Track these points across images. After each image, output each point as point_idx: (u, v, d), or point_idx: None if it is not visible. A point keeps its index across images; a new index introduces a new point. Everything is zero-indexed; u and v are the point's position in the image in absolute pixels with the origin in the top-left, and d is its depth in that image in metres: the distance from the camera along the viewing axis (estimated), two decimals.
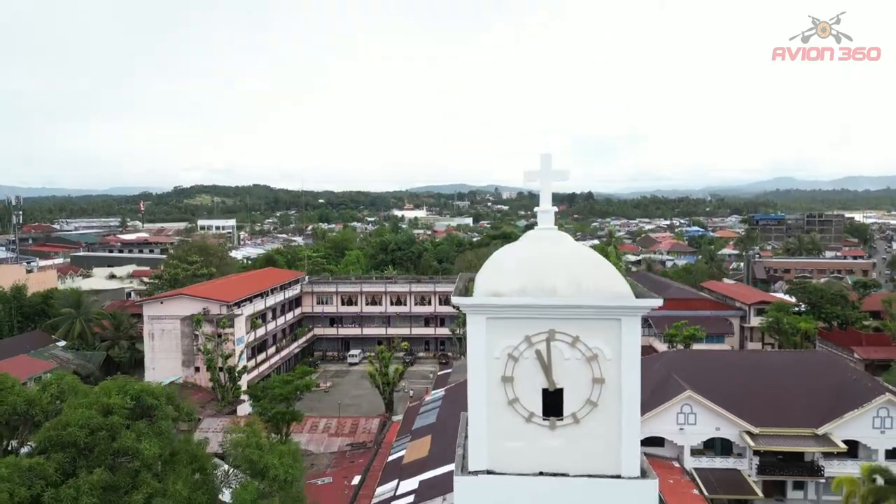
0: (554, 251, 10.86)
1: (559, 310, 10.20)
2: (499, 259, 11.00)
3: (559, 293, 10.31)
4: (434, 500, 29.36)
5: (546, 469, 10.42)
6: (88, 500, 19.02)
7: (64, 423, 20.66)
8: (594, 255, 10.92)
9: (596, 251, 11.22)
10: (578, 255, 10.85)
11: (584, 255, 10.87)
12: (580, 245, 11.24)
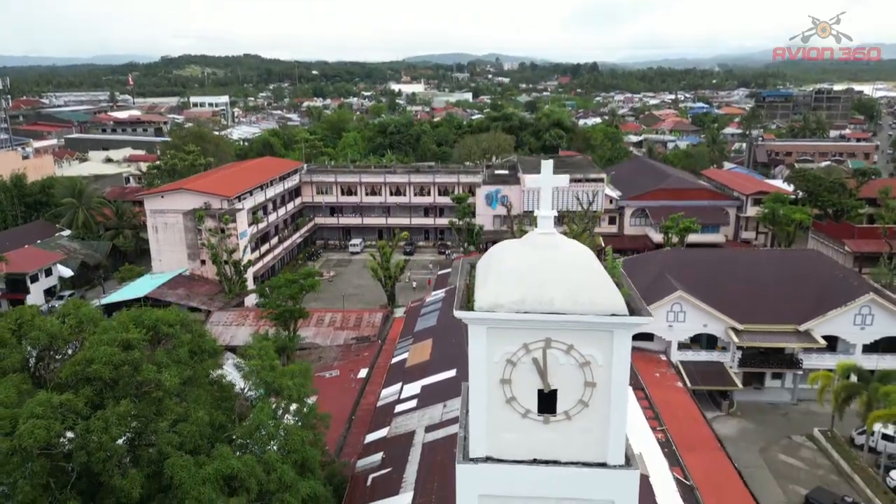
0: (552, 261, 11.31)
1: (555, 322, 10.85)
2: (499, 269, 11.45)
3: (556, 306, 10.90)
4: (435, 406, 31.61)
5: (539, 457, 11.56)
6: (117, 430, 20.72)
7: (88, 359, 21.97)
8: (591, 264, 11.39)
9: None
10: (576, 265, 11.30)
11: (582, 265, 11.33)
12: (578, 252, 11.64)
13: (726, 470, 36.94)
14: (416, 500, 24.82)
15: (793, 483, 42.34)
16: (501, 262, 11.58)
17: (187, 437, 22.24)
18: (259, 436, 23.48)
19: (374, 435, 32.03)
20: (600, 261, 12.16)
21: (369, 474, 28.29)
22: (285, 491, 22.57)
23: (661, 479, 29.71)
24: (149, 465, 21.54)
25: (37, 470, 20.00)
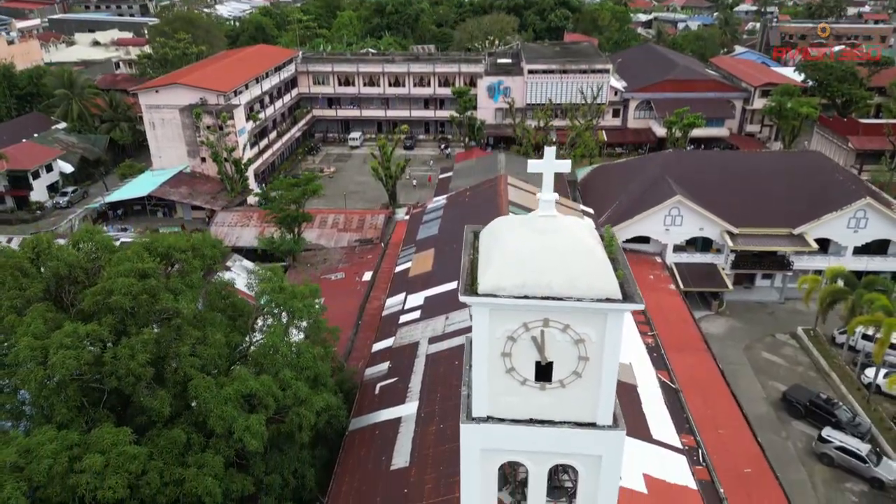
0: (552, 246, 11.91)
1: (554, 304, 11.66)
2: (501, 252, 12.06)
3: (554, 290, 11.65)
4: (438, 318, 33.23)
5: (535, 417, 12.81)
6: (142, 356, 22.18)
7: (108, 290, 23.01)
8: (589, 248, 12.00)
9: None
10: (575, 250, 11.91)
11: (580, 250, 11.95)
12: (577, 237, 12.19)
13: (710, 370, 39.35)
14: (421, 409, 26.90)
15: (773, 380, 45.13)
16: (504, 246, 12.19)
17: (207, 360, 23.83)
18: (273, 357, 25.04)
19: (381, 344, 33.91)
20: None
21: (377, 383, 30.37)
22: (300, 405, 24.46)
23: (648, 385, 31.84)
24: (174, 385, 23.24)
25: (71, 394, 21.67)
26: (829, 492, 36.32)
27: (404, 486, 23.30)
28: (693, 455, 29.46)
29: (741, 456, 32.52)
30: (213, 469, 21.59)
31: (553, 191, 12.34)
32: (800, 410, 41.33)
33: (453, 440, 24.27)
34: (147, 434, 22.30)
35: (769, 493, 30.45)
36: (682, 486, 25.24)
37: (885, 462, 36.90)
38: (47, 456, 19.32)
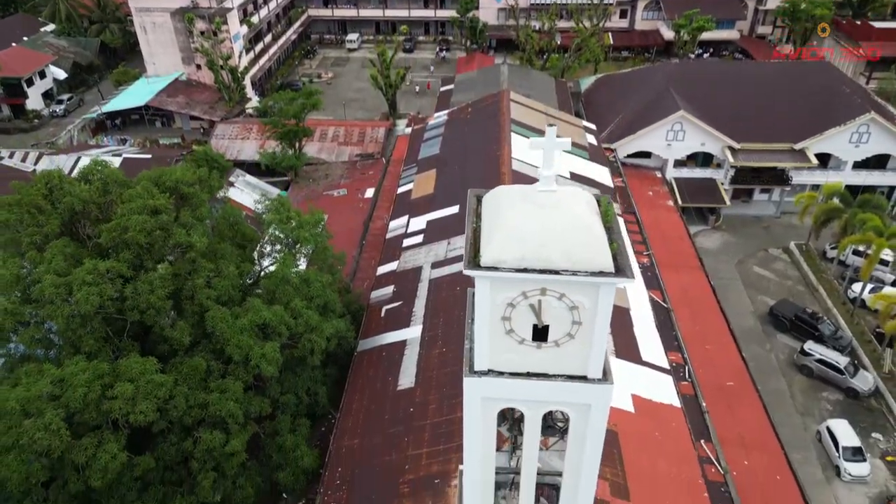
0: (551, 221, 12.62)
1: (551, 277, 12.57)
2: (503, 227, 12.80)
3: (552, 264, 12.49)
4: (440, 243, 34.25)
5: (532, 370, 14.03)
6: (161, 291, 23.36)
7: (123, 227, 23.79)
8: (587, 223, 12.73)
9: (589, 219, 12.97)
10: (573, 226, 12.62)
11: (578, 225, 12.66)
12: (576, 212, 12.86)
13: (702, 287, 40.89)
14: (425, 333, 28.49)
15: (762, 294, 46.90)
16: (505, 220, 12.90)
17: (222, 291, 25.09)
18: (284, 288, 26.28)
19: (385, 268, 35.13)
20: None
21: (383, 306, 31.85)
22: (311, 332, 25.98)
23: (640, 307, 33.35)
24: (191, 316, 24.62)
25: (96, 326, 23.07)
26: (806, 401, 38.87)
27: (410, 406, 25.25)
28: (680, 372, 31.43)
29: (725, 370, 34.61)
30: (234, 394, 23.36)
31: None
32: (785, 324, 43.33)
33: (454, 364, 26.01)
34: (170, 362, 23.90)
35: (748, 403, 32.73)
36: (668, 404, 27.26)
37: (861, 373, 39.23)
38: (81, 385, 20.92)
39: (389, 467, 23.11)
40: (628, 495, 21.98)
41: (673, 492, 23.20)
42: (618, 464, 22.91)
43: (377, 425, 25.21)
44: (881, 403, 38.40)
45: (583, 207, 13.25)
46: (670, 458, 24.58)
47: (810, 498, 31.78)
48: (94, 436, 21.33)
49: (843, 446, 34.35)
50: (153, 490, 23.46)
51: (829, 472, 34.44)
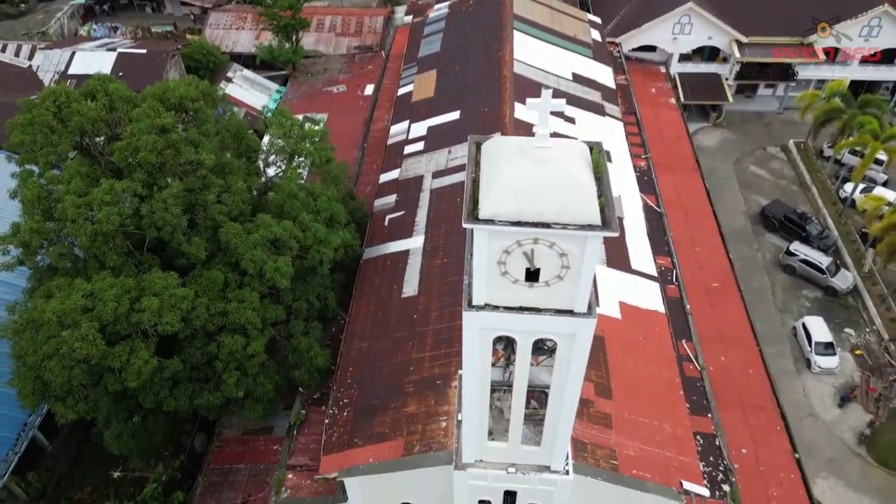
0: (545, 178, 13.62)
1: (543, 230, 13.79)
2: (499, 182, 13.81)
3: (544, 217, 13.66)
4: (441, 151, 34.89)
5: (524, 305, 15.61)
6: (175, 209, 24.50)
7: (134, 147, 24.50)
8: (577, 179, 13.75)
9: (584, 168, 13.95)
10: (564, 181, 13.63)
11: (569, 182, 13.68)
12: (568, 168, 13.81)
13: (697, 190, 41.91)
14: (427, 243, 29.98)
15: (756, 194, 48.01)
16: (502, 175, 13.89)
17: (232, 207, 26.31)
18: (292, 202, 27.41)
19: (387, 176, 35.95)
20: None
21: (386, 215, 33.09)
22: (320, 244, 27.45)
23: (634, 215, 34.57)
24: (206, 231, 25.97)
25: (118, 243, 24.50)
26: (786, 298, 41.21)
27: (414, 313, 27.24)
28: (668, 276, 33.31)
29: (712, 272, 36.50)
30: (251, 303, 25.20)
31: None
32: (774, 224, 44.85)
33: (455, 274, 27.72)
34: (189, 275, 25.55)
35: (731, 304, 34.89)
36: (653, 310, 29.29)
37: (842, 273, 41.29)
38: (111, 300, 22.68)
39: (395, 369, 25.46)
40: (611, 395, 24.45)
41: (652, 390, 25.71)
42: (603, 367, 25.22)
43: (383, 330, 27.35)
44: (857, 301, 40.75)
45: (575, 161, 14.23)
46: (651, 359, 26.93)
47: (780, 388, 34.79)
48: (126, 344, 23.39)
49: (816, 341, 37.00)
50: (183, 387, 25.93)
51: (801, 364, 37.34)
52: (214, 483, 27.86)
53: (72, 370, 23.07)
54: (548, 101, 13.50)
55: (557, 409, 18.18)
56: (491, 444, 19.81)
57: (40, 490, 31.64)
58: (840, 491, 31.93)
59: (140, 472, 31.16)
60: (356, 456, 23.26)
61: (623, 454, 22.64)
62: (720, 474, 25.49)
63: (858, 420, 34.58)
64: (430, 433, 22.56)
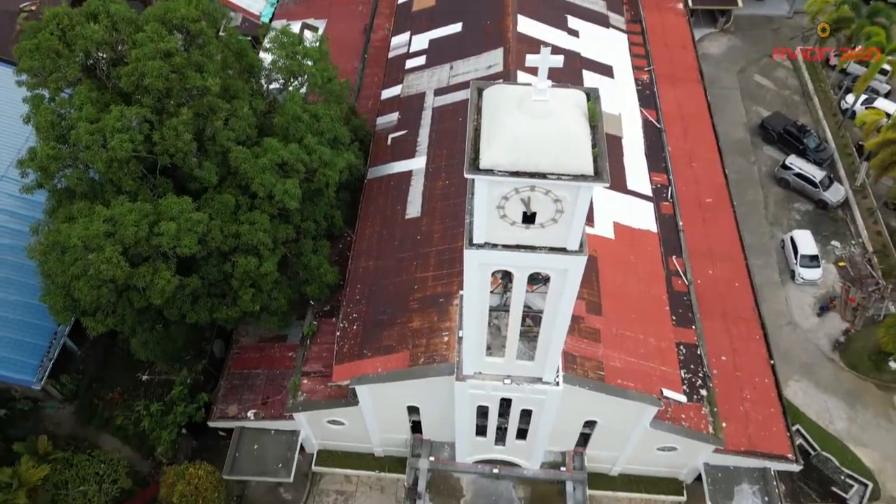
0: (542, 131, 14.50)
1: (539, 181, 14.86)
2: (500, 135, 14.69)
3: (541, 167, 14.69)
4: (442, 67, 34.84)
5: (521, 243, 16.96)
6: (186, 136, 25.20)
7: (140, 73, 24.81)
8: (573, 133, 14.63)
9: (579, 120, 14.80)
10: (560, 135, 14.53)
11: (564, 135, 14.57)
12: (564, 121, 14.64)
13: (698, 103, 41.81)
14: (429, 164, 30.83)
15: (757, 105, 47.98)
16: (502, 127, 14.76)
17: (239, 131, 27.02)
18: (297, 125, 28.03)
19: (389, 92, 36.05)
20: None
21: (389, 134, 33.63)
22: (325, 167, 28.38)
23: (633, 134, 35.04)
24: (215, 155, 26.85)
25: (132, 168, 25.48)
26: (777, 211, 42.47)
27: (417, 233, 28.60)
28: (663, 193, 34.35)
29: (707, 187, 37.36)
30: (262, 225, 26.49)
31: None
32: (773, 137, 45.23)
33: (457, 196, 28.83)
34: (202, 198, 26.68)
35: (723, 219, 36.00)
36: (645, 230, 30.62)
37: (834, 186, 42.28)
38: (131, 224, 23.95)
39: (400, 287, 27.19)
40: (601, 311, 26.31)
41: (640, 306, 27.56)
42: (595, 285, 26.92)
43: (388, 250, 28.83)
44: (847, 214, 42.03)
45: (572, 113, 15.12)
46: (641, 277, 28.60)
47: (763, 298, 36.83)
48: (148, 265, 24.94)
49: (802, 254, 38.64)
50: (203, 301, 27.78)
51: (786, 275, 39.19)
52: (235, 386, 30.34)
53: (100, 289, 24.81)
54: (546, 58, 14.18)
55: (550, 329, 20.01)
56: (489, 360, 21.84)
57: (73, 391, 34.45)
58: (811, 392, 34.69)
59: (166, 375, 33.80)
60: (366, 366, 25.46)
61: (609, 366, 24.80)
62: (699, 381, 27.87)
63: (835, 328, 36.86)
64: (433, 346, 24.60)
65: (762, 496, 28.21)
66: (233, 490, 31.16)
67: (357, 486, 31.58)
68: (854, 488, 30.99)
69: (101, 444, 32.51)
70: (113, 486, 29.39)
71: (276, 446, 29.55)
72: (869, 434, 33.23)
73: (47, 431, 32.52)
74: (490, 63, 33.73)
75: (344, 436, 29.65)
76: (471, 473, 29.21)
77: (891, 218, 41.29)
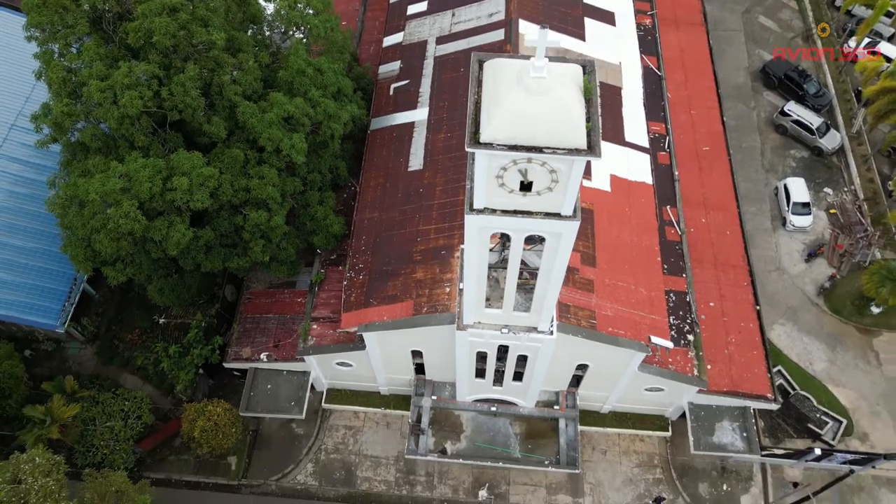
0: (539, 107, 15.36)
1: (536, 155, 15.85)
2: (499, 110, 15.57)
3: (538, 141, 15.65)
4: (444, 14, 34.79)
5: (518, 209, 18.10)
6: (194, 92, 25.78)
7: (147, 30, 25.16)
8: (568, 109, 15.50)
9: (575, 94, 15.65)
10: (556, 111, 15.39)
11: (561, 111, 15.44)
12: (561, 97, 15.46)
13: (700, 48, 41.70)
14: (431, 116, 31.43)
15: (760, 48, 47.75)
16: (501, 103, 15.62)
17: (246, 86, 27.64)
18: (301, 79, 28.53)
19: (391, 39, 36.08)
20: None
21: (391, 83, 33.99)
22: (330, 119, 29.07)
23: (632, 84, 35.30)
24: (223, 110, 27.53)
25: (144, 124, 26.25)
26: (773, 158, 43.17)
27: (420, 187, 29.57)
28: (660, 142, 35.03)
29: (704, 135, 37.94)
30: (270, 180, 27.47)
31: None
32: (774, 82, 45.34)
33: (458, 149, 29.63)
34: (212, 152, 27.54)
35: (718, 167, 36.75)
36: (641, 182, 31.53)
37: (831, 133, 42.80)
38: (146, 180, 24.95)
39: (404, 238, 28.41)
40: (595, 263, 27.64)
41: (633, 257, 28.85)
42: (590, 237, 28.13)
43: (392, 202, 29.87)
44: (841, 161, 42.74)
45: (567, 88, 16.01)
46: (635, 229, 29.76)
47: (754, 244, 38.19)
48: (163, 218, 26.12)
49: (794, 202, 39.63)
50: (216, 251, 29.07)
51: (777, 222, 40.32)
52: (248, 329, 32.08)
53: (119, 242, 26.10)
54: (544, 38, 14.90)
55: (545, 285, 21.40)
56: (488, 311, 23.34)
57: (94, 332, 36.32)
58: (794, 335, 36.49)
59: (181, 319, 35.56)
60: (372, 314, 27.03)
61: (601, 315, 26.34)
62: (687, 326, 29.51)
63: (821, 274, 38.30)
64: (435, 297, 26.08)
65: (741, 432, 30.39)
66: (248, 426, 33.43)
67: (364, 422, 33.85)
68: (829, 425, 33.19)
69: (124, 383, 34.60)
70: (138, 422, 31.58)
71: (289, 385, 31.54)
72: (847, 375, 35.22)
73: (71, 371, 34.56)
74: (492, 10, 33.75)
75: (352, 376, 31.60)
76: (470, 411, 31.30)
77: (884, 165, 42.03)
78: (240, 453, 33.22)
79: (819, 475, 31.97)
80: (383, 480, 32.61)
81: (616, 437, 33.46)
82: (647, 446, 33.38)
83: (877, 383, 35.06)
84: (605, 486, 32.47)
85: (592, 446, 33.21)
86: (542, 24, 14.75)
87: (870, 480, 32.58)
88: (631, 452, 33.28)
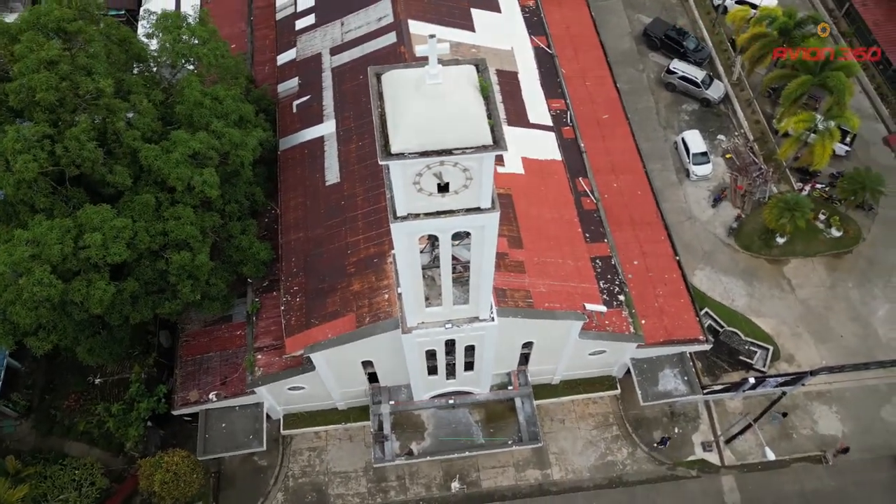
0: (442, 112, 15.95)
1: (446, 158, 16.45)
2: (403, 121, 16.07)
3: (446, 145, 16.26)
4: (333, 25, 34.87)
5: (440, 209, 18.68)
6: (90, 144, 24.82)
7: (29, 87, 23.94)
8: (469, 110, 16.16)
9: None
10: (458, 113, 16.03)
11: (462, 112, 16.09)
12: (457, 98, 16.10)
13: (584, 22, 43.33)
14: (339, 128, 31.56)
15: (639, 13, 50.14)
16: (405, 113, 16.11)
17: (144, 128, 26.96)
18: (200, 110, 28.04)
19: (285, 56, 35.80)
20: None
21: (293, 101, 33.80)
22: (237, 148, 28.73)
23: (527, 68, 36.51)
24: (124, 157, 26.76)
25: (42, 186, 25.22)
26: (668, 114, 45.57)
27: (341, 199, 29.70)
28: (563, 118, 36.42)
29: (602, 104, 39.67)
30: (188, 219, 26.96)
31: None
32: (656, 43, 47.75)
33: (372, 157, 29.90)
34: (121, 202, 26.72)
35: (620, 133, 38.56)
36: (551, 159, 32.78)
37: (715, 83, 45.56)
38: (54, 242, 24.00)
39: (334, 253, 28.52)
40: (522, 244, 28.65)
41: (555, 232, 30.06)
42: (513, 221, 29.11)
43: (316, 219, 29.88)
44: (728, 108, 45.61)
45: (465, 89, 16.69)
46: (553, 205, 30.98)
47: (665, 199, 40.30)
48: (81, 278, 25.21)
49: (693, 153, 42.08)
50: (143, 301, 28.25)
51: (682, 175, 42.71)
52: (191, 372, 31.41)
53: (37, 310, 25.02)
54: (434, 47, 15.46)
55: (478, 275, 22.15)
56: (429, 310, 23.89)
57: (27, 405, 34.61)
58: (714, 277, 38.92)
59: (119, 375, 34.37)
60: (316, 333, 27.09)
61: (536, 292, 27.40)
62: (616, 288, 31.04)
63: (728, 216, 40.93)
64: (376, 305, 26.41)
65: (682, 376, 32.33)
66: (210, 468, 32.81)
67: (327, 441, 33.88)
68: (758, 353, 35.71)
69: (69, 451, 33.20)
70: (92, 489, 30.46)
71: (243, 420, 31.17)
72: (766, 305, 37.92)
73: (10, 451, 32.85)
74: (380, 15, 34.08)
75: (306, 398, 31.55)
76: (429, 408, 31.88)
77: (766, 106, 45.15)
78: (205, 498, 32.58)
79: (757, 401, 34.39)
80: (356, 493, 32.81)
81: (571, 405, 34.87)
82: (601, 407, 34.96)
83: (793, 307, 37.93)
84: (568, 452, 33.84)
85: (550, 417, 34.49)
86: (430, 34, 15.26)
87: (802, 397, 35.33)
88: (587, 416, 34.77)
